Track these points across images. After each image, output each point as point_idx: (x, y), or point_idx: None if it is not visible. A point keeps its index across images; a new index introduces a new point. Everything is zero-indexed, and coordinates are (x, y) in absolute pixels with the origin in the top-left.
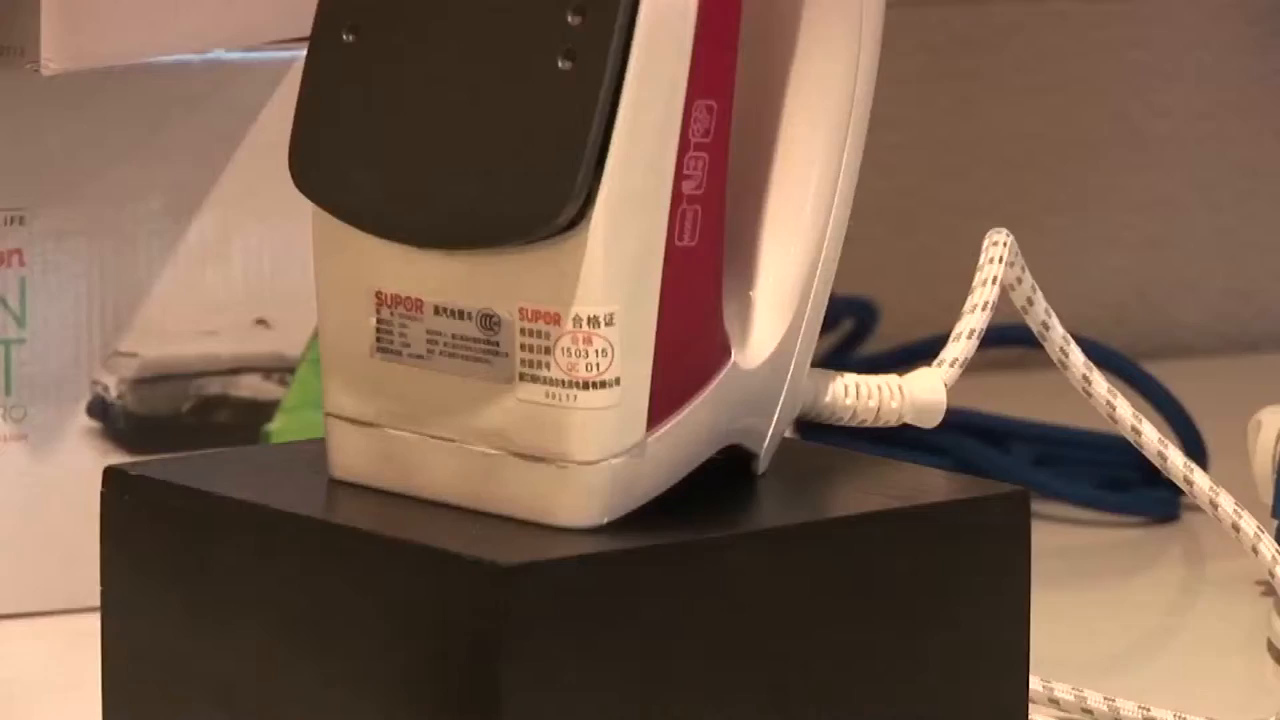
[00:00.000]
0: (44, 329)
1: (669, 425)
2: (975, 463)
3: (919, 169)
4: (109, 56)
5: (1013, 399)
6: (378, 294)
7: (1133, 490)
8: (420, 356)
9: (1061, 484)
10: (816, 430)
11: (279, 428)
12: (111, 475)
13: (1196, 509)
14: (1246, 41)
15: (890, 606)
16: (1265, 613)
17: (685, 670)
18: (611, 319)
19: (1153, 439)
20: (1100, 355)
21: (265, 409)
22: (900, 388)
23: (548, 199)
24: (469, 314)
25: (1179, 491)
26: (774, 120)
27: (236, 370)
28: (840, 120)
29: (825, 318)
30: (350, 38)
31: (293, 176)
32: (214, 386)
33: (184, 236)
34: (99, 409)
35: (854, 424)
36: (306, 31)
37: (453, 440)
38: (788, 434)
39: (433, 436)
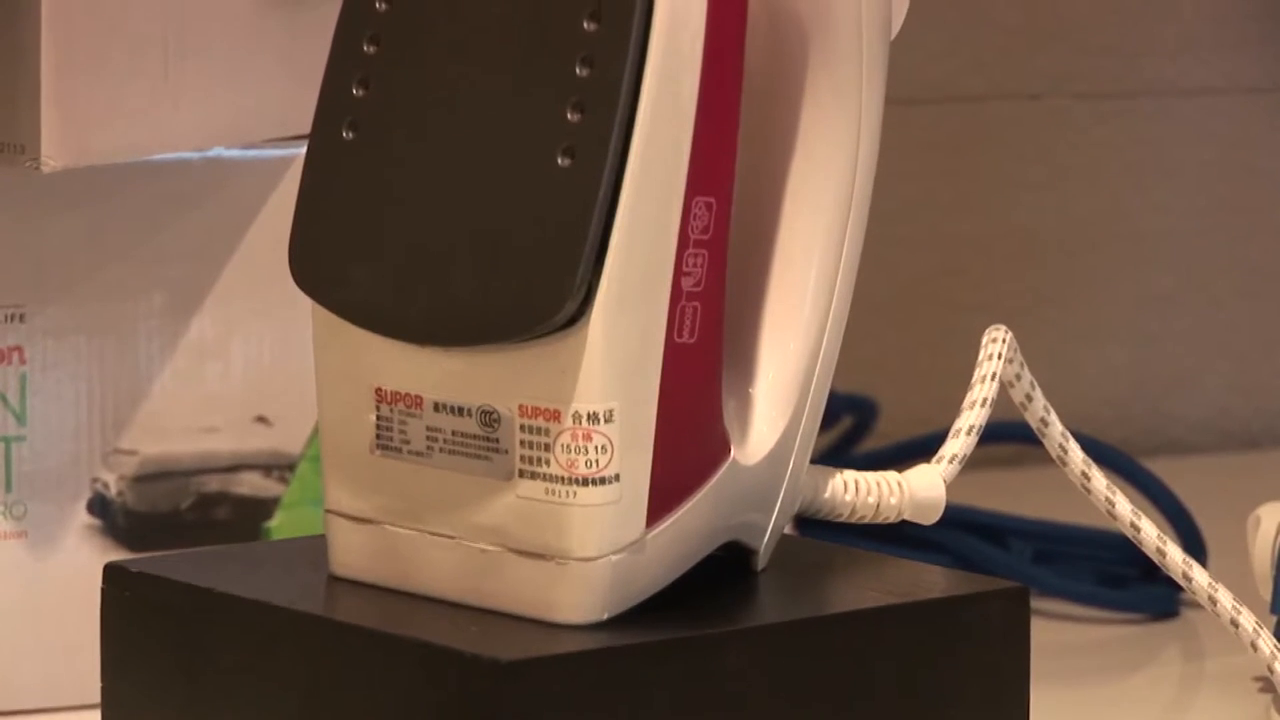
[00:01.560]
0: (44, 426)
1: (668, 521)
2: (974, 559)
3: (918, 265)
4: (109, 154)
5: (1011, 495)
6: (378, 390)
7: (1132, 587)
8: (420, 453)
9: (1060, 580)
10: (816, 526)
11: (279, 525)
12: (112, 572)
13: (1195, 605)
14: (1246, 139)
15: (891, 704)
16: (1264, 709)
17: None
18: (611, 415)
19: (1151, 535)
20: (1099, 451)
21: (265, 506)
22: (899, 484)
23: (547, 295)
24: (469, 410)
25: (1178, 588)
26: (773, 216)
27: (236, 467)
28: (839, 216)
29: (825, 415)
30: (350, 135)
31: (293, 273)
32: (214, 484)
33: (184, 334)
34: (99, 506)
35: (853, 520)
36: (306, 129)
37: (452, 537)
38: (787, 530)
39: (432, 533)
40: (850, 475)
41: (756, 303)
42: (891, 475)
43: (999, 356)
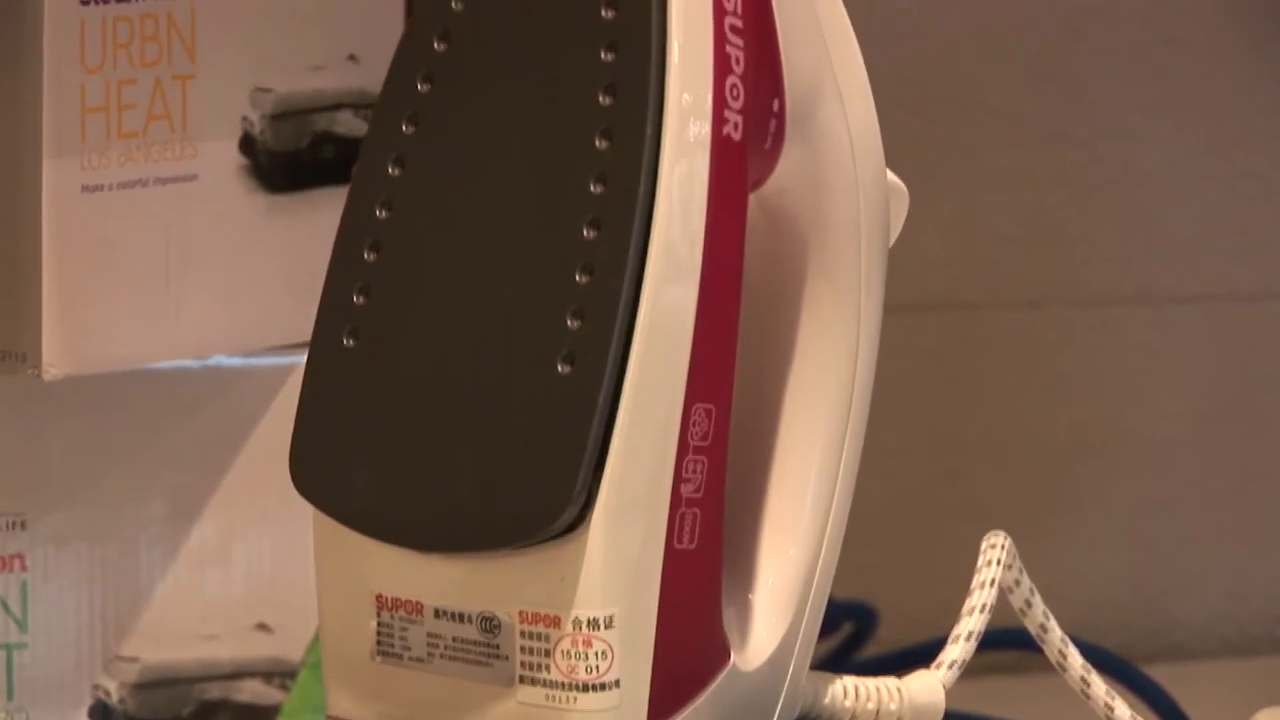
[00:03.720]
0: (45, 633)
1: None
2: None
3: (916, 471)
4: (110, 362)
5: (1011, 702)
6: (378, 597)
7: None
8: (421, 659)
9: None
10: None
11: None
12: None
13: None
14: (1244, 345)
15: None
16: None
17: None
18: (611, 621)
19: None
20: (1098, 657)
21: (266, 713)
22: (899, 690)
23: (547, 502)
24: (469, 617)
25: None
26: (772, 422)
27: (237, 675)
28: (838, 422)
29: (824, 622)
30: (350, 342)
31: (293, 480)
32: (215, 691)
33: (185, 541)
34: (100, 713)
35: None
36: (306, 336)
37: None
38: None
39: None
40: (850, 681)
41: (756, 508)
42: (891, 681)
43: (998, 563)
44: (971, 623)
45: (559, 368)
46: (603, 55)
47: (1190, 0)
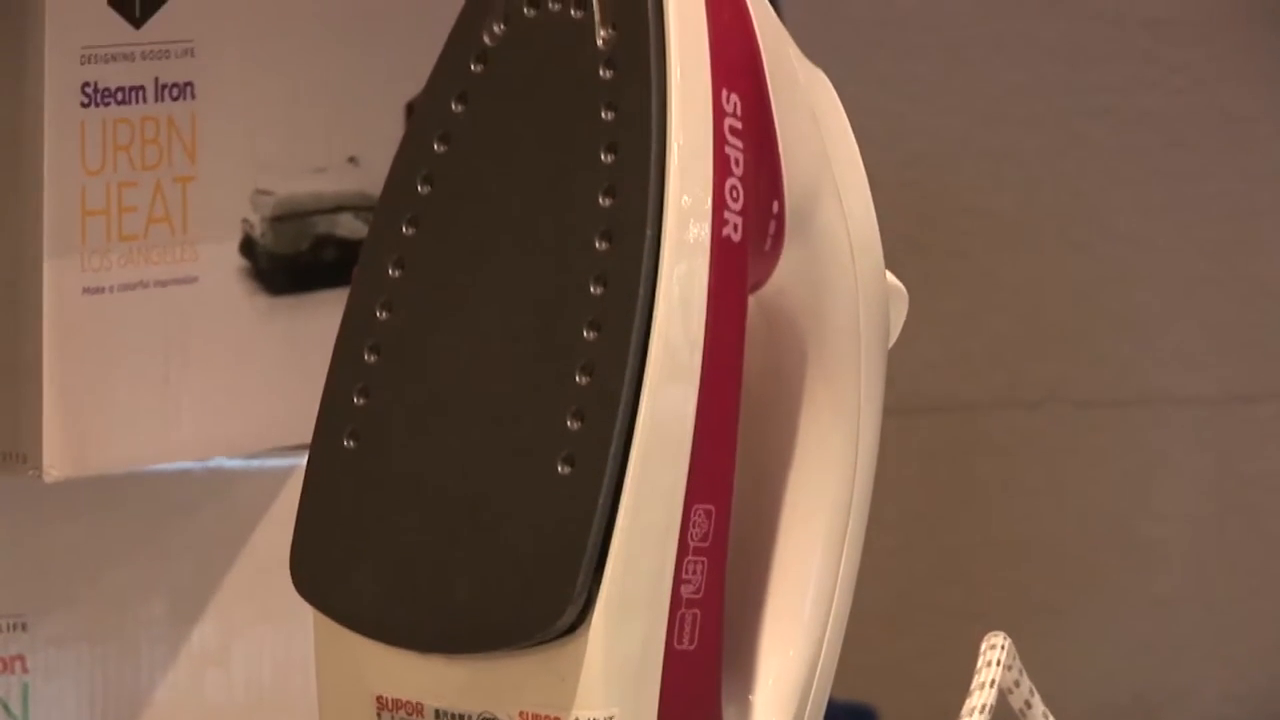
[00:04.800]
0: None
1: None
2: None
3: (916, 572)
4: (110, 463)
5: None
6: (379, 698)
7: None
8: None
9: None
10: None
11: None
12: None
13: None
14: (1240, 446)
15: None
16: None
17: None
18: None
19: None
20: None
21: None
22: None
23: (547, 603)
24: (470, 718)
25: None
26: (772, 522)
27: None
28: (838, 523)
29: None
30: (350, 444)
31: (294, 581)
32: None
33: (185, 641)
34: None
35: None
36: (307, 438)
37: None
38: None
39: None
40: None
41: (756, 608)
42: None
43: (998, 663)
44: None
45: (559, 468)
46: (602, 156)
47: (1190, 104)
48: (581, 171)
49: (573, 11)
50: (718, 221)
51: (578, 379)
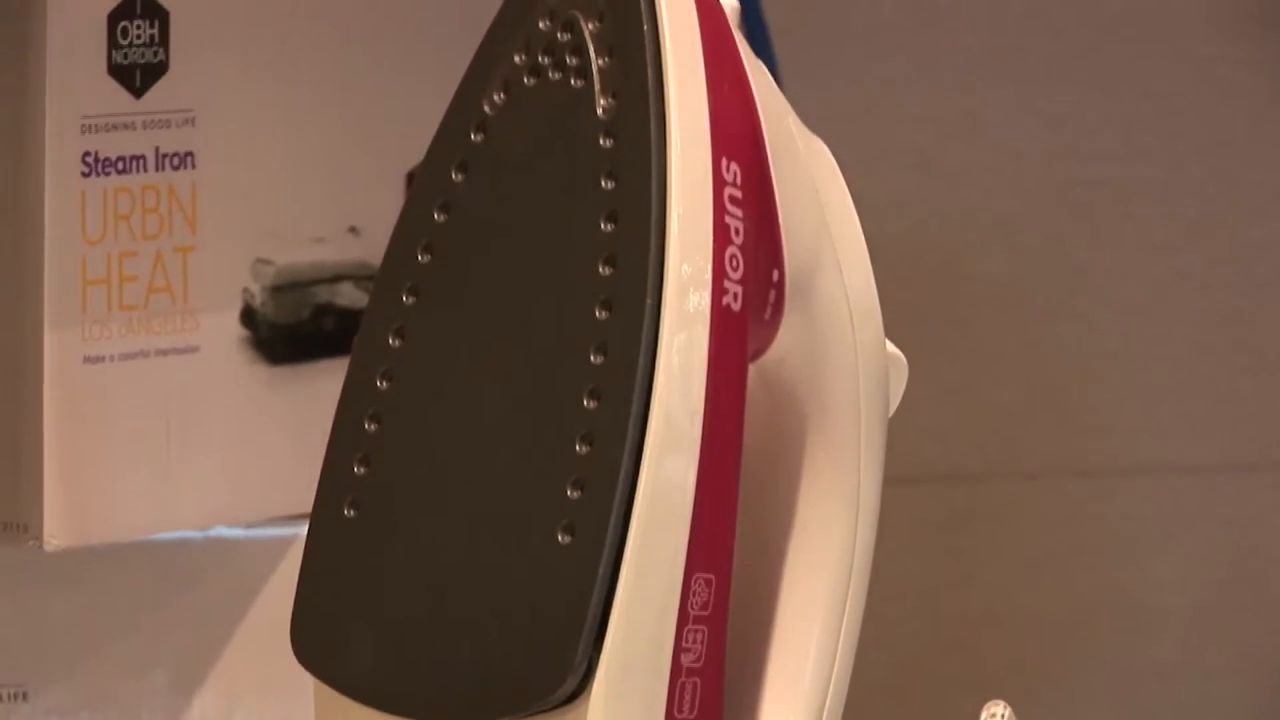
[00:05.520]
0: None
1: None
2: None
3: (916, 641)
4: (111, 533)
5: None
6: None
7: None
8: None
9: None
10: None
11: None
12: None
13: None
14: (1243, 516)
15: None
16: None
17: None
18: None
19: None
20: None
21: None
22: None
23: (547, 673)
24: None
25: None
26: (772, 592)
27: None
28: (838, 593)
29: None
30: (351, 513)
31: (295, 650)
32: None
33: (187, 711)
34: None
35: None
36: (307, 507)
37: None
38: None
39: None
40: None
41: (756, 677)
42: None
43: None
44: None
45: (559, 537)
46: (603, 225)
47: (1189, 174)
48: (581, 240)
49: (573, 81)
50: (718, 290)
51: (578, 448)
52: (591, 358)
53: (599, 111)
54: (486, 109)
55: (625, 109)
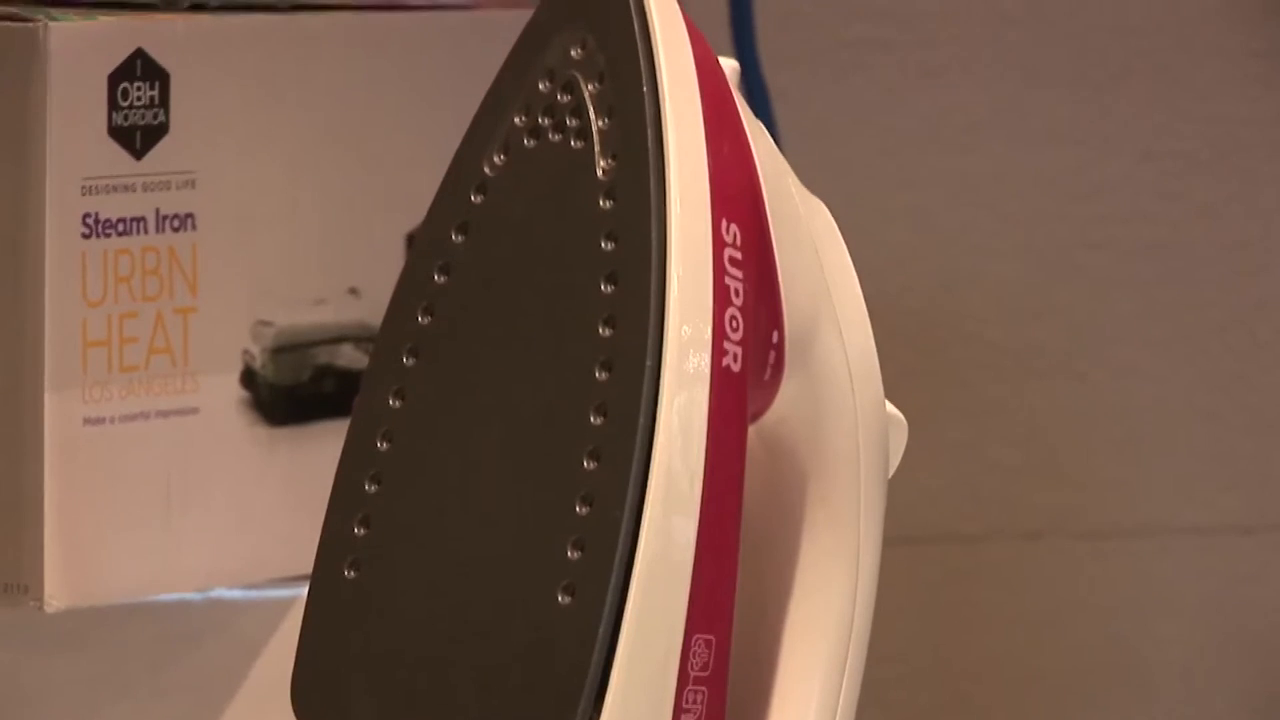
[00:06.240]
0: None
1: None
2: None
3: (917, 702)
4: (111, 594)
5: None
6: None
7: None
8: None
9: None
10: None
11: None
12: None
13: None
14: (1245, 575)
15: None
16: None
17: None
18: None
19: None
20: None
21: None
22: None
23: None
24: None
25: None
26: (772, 652)
27: None
28: (838, 653)
29: None
30: (351, 574)
31: (295, 711)
32: None
33: None
34: None
35: None
36: (308, 569)
37: None
38: None
39: None
40: None
41: None
42: None
43: None
44: None
45: (559, 598)
46: (602, 287)
47: (1190, 235)
48: (581, 302)
49: (573, 142)
50: (718, 352)
51: (578, 509)
52: (592, 419)
53: (599, 173)
54: (486, 170)
55: (625, 171)
